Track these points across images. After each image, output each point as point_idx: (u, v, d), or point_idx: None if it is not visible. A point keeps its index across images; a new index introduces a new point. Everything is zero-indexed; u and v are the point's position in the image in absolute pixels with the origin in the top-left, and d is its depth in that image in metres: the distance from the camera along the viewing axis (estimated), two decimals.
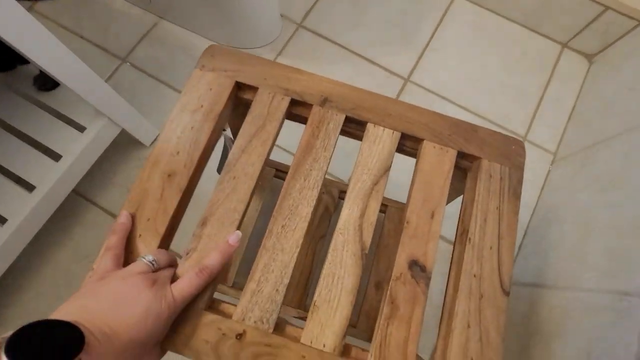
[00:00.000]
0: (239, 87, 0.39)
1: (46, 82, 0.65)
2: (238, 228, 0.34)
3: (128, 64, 0.86)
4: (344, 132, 0.39)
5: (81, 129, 0.64)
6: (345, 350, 0.31)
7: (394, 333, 0.31)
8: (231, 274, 0.62)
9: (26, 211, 0.59)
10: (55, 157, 0.63)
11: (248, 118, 0.37)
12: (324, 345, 0.31)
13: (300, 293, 0.62)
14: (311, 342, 0.31)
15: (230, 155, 0.36)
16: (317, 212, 0.67)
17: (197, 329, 0.30)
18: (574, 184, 0.74)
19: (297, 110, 0.39)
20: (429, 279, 0.33)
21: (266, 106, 0.38)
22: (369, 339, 0.53)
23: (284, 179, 0.33)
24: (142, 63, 0.87)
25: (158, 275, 0.29)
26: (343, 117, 0.38)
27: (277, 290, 0.32)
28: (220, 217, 0.34)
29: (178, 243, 0.36)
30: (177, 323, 0.30)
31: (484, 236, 0.35)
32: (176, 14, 0.88)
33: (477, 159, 0.38)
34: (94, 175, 0.75)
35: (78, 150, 0.61)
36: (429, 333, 0.34)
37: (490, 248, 0.34)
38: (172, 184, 0.34)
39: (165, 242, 0.34)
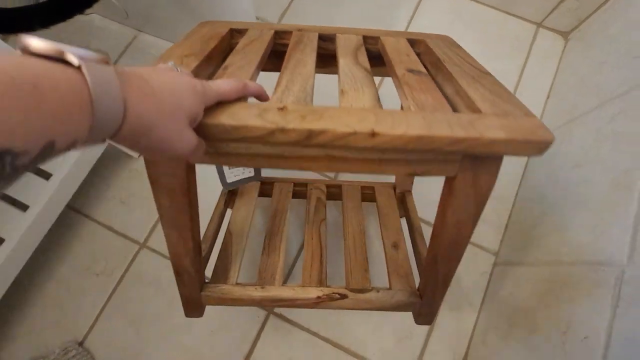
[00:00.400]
0: (231, 36, 0.50)
1: None
2: (257, 71, 0.37)
3: None
4: (319, 53, 0.49)
5: None
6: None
7: (422, 97, 0.33)
8: (233, 273, 0.53)
9: (22, 230, 0.63)
10: (46, 176, 0.67)
11: (244, 37, 0.47)
12: (364, 105, 0.31)
13: (318, 271, 0.53)
14: (351, 105, 0.31)
15: (237, 47, 0.43)
16: (311, 203, 0.66)
17: (237, 109, 0.29)
18: (552, 162, 0.75)
19: (280, 41, 0.50)
20: (429, 77, 0.38)
21: (257, 32, 0.48)
22: (408, 306, 0.48)
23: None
24: None
25: None
26: (317, 34, 0.50)
27: (305, 88, 0.34)
28: (238, 66, 0.37)
29: None
30: (215, 113, 0.29)
31: (452, 59, 0.43)
32: (154, 25, 0.91)
33: (422, 42, 0.50)
34: (87, 190, 0.78)
35: (66, 168, 0.66)
36: None
37: (460, 62, 0.42)
38: (189, 57, 0.39)
39: None
